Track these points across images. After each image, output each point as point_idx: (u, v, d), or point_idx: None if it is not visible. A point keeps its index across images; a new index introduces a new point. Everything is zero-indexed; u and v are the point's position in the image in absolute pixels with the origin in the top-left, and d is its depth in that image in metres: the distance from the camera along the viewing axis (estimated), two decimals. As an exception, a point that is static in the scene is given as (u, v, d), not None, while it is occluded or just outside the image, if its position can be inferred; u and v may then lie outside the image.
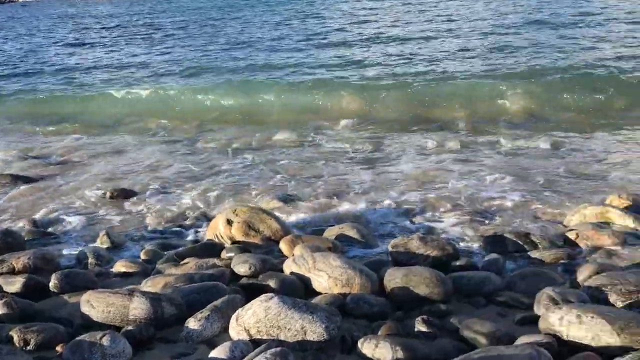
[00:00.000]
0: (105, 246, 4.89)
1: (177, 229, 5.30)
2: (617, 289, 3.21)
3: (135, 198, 6.15)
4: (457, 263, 3.97)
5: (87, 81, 13.31)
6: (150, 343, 3.10)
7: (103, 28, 24.32)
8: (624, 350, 2.61)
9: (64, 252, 4.87)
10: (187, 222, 5.41)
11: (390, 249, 4.15)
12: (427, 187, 5.99)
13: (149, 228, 5.35)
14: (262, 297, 3.05)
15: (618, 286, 3.23)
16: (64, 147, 8.68)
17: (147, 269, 4.32)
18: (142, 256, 4.61)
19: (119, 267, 4.36)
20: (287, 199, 5.74)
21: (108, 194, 6.19)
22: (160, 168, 7.24)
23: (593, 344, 2.69)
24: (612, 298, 3.17)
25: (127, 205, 5.95)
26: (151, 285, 3.80)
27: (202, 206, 5.81)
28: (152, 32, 21.22)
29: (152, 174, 6.98)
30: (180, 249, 4.64)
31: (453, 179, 6.21)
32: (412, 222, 5.14)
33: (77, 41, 20.28)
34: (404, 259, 4.00)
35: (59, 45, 19.50)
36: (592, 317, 2.74)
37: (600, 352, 2.65)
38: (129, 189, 6.37)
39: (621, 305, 3.11)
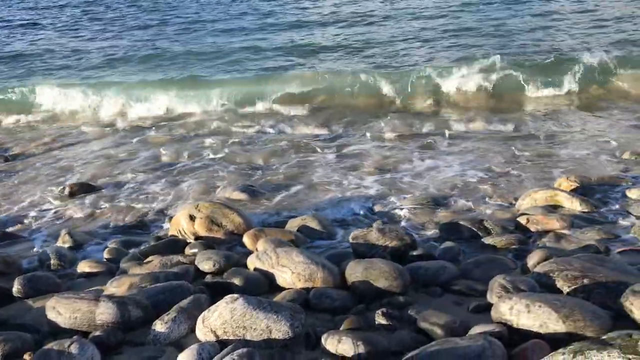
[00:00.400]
0: (67, 245, 4.88)
1: (140, 224, 5.32)
2: (564, 275, 3.40)
3: (95, 193, 6.11)
4: (415, 253, 4.12)
5: (35, 68, 12.89)
6: (119, 348, 3.15)
7: (53, 6, 23.48)
8: (569, 336, 2.80)
9: (25, 253, 4.84)
10: (149, 218, 5.44)
11: (350, 240, 4.27)
12: (387, 174, 6.14)
13: (111, 225, 5.35)
14: (228, 298, 3.13)
15: (564, 272, 3.43)
16: (17, 139, 8.50)
17: (112, 269, 4.35)
18: (106, 255, 4.63)
19: (83, 267, 4.37)
20: (249, 190, 5.80)
21: (67, 190, 6.13)
22: (118, 162, 7.17)
23: (541, 331, 2.87)
24: (559, 284, 3.37)
25: (88, 201, 5.92)
26: (116, 286, 3.84)
27: (163, 200, 5.82)
28: (102, 11, 20.59)
29: (110, 168, 6.92)
30: (144, 246, 4.67)
31: (411, 164, 6.37)
32: (372, 210, 5.29)
33: (25, 22, 19.53)
34: (364, 250, 4.14)
35: (4, 27, 18.76)
36: (540, 306, 2.92)
37: (548, 339, 2.83)
38: (88, 184, 6.32)
39: (567, 290, 3.30)
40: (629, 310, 2.98)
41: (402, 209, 5.25)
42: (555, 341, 2.77)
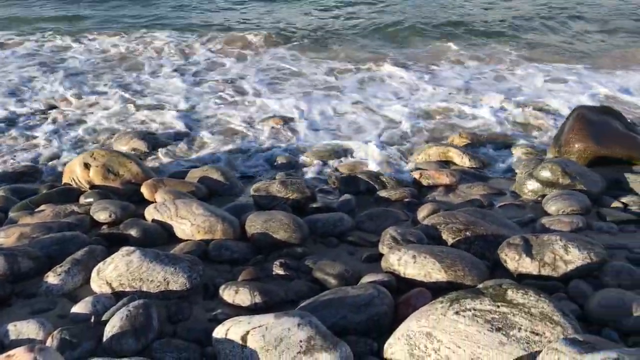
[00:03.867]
0: (-53, 192, 4.58)
1: (30, 171, 5.06)
2: (449, 228, 3.66)
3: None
4: (315, 205, 4.24)
5: None
6: (8, 300, 3.06)
7: None
8: (451, 285, 3.04)
9: None
10: (41, 165, 5.17)
11: (252, 192, 4.31)
12: (290, 126, 6.17)
13: (-2, 171, 5.06)
14: (124, 250, 3.10)
15: (449, 225, 3.68)
16: None
17: (0, 218, 4.15)
18: (-8, 203, 4.39)
19: (-34, 216, 4.14)
20: (149, 138, 5.65)
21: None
22: (5, 98, 6.70)
23: (425, 280, 3.09)
24: (445, 236, 3.62)
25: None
26: (4, 236, 3.68)
27: (56, 146, 5.54)
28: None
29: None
30: (35, 195, 4.47)
31: (313, 118, 6.43)
32: (275, 162, 5.34)
33: None
34: (265, 203, 4.21)
35: None
36: (425, 257, 3.13)
37: (431, 288, 3.05)
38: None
39: (451, 242, 3.56)
40: (504, 260, 3.27)
41: (303, 161, 5.34)
42: (438, 290, 3.00)
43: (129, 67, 8.27)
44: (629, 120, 5.60)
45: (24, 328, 2.68)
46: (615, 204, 4.36)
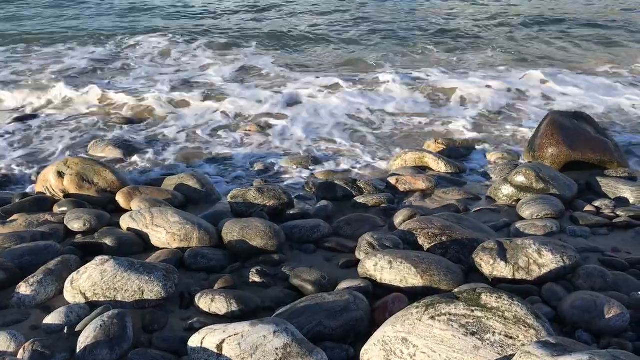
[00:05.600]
0: None
1: (2, 181, 4.98)
2: (425, 233, 3.68)
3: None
4: (292, 211, 4.24)
5: None
6: (-21, 312, 3.00)
7: None
8: (427, 290, 3.06)
9: None
10: (13, 173, 5.09)
11: (229, 199, 4.30)
12: (268, 133, 6.17)
13: (-31, 181, 4.97)
14: (98, 260, 3.07)
15: (425, 230, 3.70)
16: None
17: (-30, 228, 4.06)
18: (-37, 213, 4.31)
19: (-64, 226, 4.05)
20: (125, 145, 5.60)
21: None
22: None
23: (402, 285, 3.11)
24: (421, 241, 3.64)
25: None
26: (-25, 247, 3.62)
27: (29, 155, 5.47)
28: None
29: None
30: (8, 205, 4.40)
31: (290, 125, 6.43)
32: (252, 169, 5.32)
33: None
34: (242, 210, 4.19)
35: None
36: (401, 262, 3.15)
37: (408, 293, 3.07)
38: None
39: (427, 247, 3.59)
40: (478, 265, 3.30)
41: (281, 167, 5.34)
42: (415, 294, 3.02)
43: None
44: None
45: (-5, 340, 2.63)
46: (588, 207, 4.43)
